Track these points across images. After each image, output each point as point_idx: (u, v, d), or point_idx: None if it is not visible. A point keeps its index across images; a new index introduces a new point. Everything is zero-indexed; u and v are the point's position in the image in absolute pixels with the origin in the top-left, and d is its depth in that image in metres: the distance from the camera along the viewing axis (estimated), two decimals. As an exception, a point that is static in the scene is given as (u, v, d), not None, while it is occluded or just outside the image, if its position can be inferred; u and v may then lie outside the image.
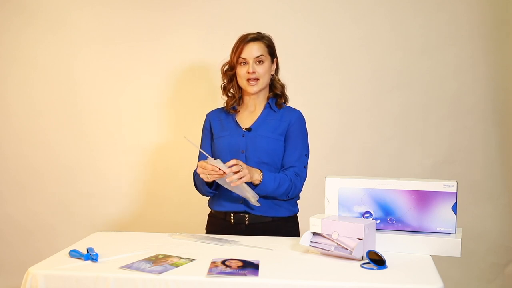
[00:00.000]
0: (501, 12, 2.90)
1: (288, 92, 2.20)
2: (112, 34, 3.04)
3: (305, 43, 2.98)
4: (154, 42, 3.02)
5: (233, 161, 1.85)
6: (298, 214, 2.17)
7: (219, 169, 1.84)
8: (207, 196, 2.13)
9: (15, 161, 3.14)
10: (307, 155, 2.11)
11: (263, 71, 2.06)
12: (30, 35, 3.07)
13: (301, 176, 2.07)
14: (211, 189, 2.05)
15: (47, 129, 3.10)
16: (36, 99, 3.10)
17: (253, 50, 2.05)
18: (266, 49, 2.08)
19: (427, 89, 2.96)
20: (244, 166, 1.87)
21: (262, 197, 1.98)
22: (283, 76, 2.21)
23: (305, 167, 2.09)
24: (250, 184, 1.94)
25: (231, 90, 2.16)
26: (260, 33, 2.12)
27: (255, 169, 1.94)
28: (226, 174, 1.84)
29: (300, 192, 2.11)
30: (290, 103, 2.20)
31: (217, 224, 2.10)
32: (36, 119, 3.11)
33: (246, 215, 2.05)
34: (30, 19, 3.06)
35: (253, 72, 2.04)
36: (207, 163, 1.86)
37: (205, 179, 1.91)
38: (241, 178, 1.84)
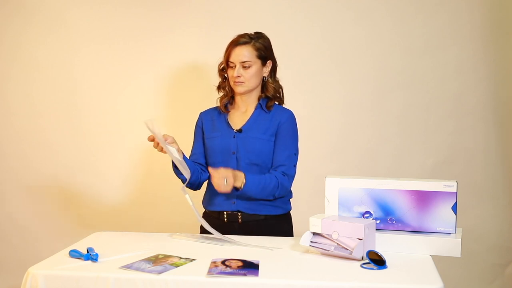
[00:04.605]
0: (501, 12, 2.89)
1: (288, 92, 2.20)
2: (112, 34, 3.04)
3: (305, 43, 2.98)
4: (154, 42, 3.02)
5: (225, 173, 1.92)
6: (294, 213, 2.18)
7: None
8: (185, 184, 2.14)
9: (16, 160, 3.14)
10: (296, 154, 2.10)
11: (249, 75, 2.07)
12: (30, 35, 3.08)
13: (290, 175, 2.07)
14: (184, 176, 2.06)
15: (47, 129, 3.10)
16: (37, 99, 3.10)
17: (240, 55, 2.06)
18: (255, 53, 2.07)
19: (428, 89, 2.96)
20: (233, 183, 1.92)
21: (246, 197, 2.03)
22: (283, 76, 2.20)
23: (294, 165, 2.09)
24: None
25: (226, 88, 2.17)
26: (259, 33, 2.11)
27: (239, 175, 1.96)
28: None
29: (288, 191, 2.10)
30: (290, 103, 2.20)
31: (211, 223, 2.10)
32: (36, 119, 3.11)
33: (239, 214, 2.07)
34: (30, 19, 3.06)
35: (238, 76, 2.06)
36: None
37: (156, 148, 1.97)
38: (221, 188, 1.92)
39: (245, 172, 1.98)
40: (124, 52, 3.04)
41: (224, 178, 1.90)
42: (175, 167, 2.07)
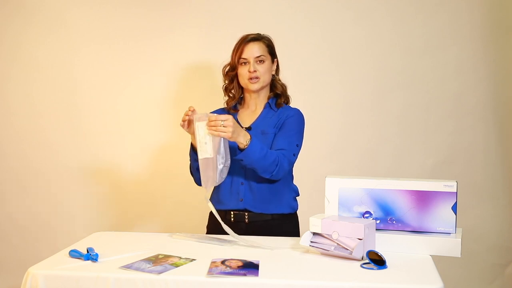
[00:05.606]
0: (501, 12, 2.90)
1: (289, 92, 2.20)
2: (112, 33, 3.04)
3: (305, 43, 2.98)
4: (154, 42, 3.02)
5: (225, 116, 1.81)
6: (298, 213, 2.17)
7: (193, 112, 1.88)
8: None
9: (16, 161, 3.14)
10: (298, 146, 2.08)
11: (263, 70, 2.08)
12: (30, 35, 3.08)
13: (289, 159, 2.00)
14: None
15: (47, 129, 3.10)
16: (37, 99, 3.11)
17: (254, 50, 2.07)
18: (266, 49, 2.10)
19: (428, 89, 2.96)
20: (232, 126, 1.80)
21: (246, 165, 1.94)
22: (283, 76, 2.21)
23: (294, 155, 2.05)
24: (234, 148, 1.90)
25: (232, 91, 2.17)
26: (260, 33, 2.14)
27: (245, 133, 1.89)
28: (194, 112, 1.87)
29: (285, 173, 2.03)
30: (291, 103, 2.20)
31: (218, 223, 2.10)
32: (36, 119, 3.11)
33: (246, 213, 2.06)
34: (30, 19, 3.06)
35: (254, 71, 2.06)
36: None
37: (181, 125, 1.94)
38: (218, 131, 1.78)
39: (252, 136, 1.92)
40: (124, 52, 3.04)
41: (221, 121, 1.79)
42: (193, 151, 2.01)
